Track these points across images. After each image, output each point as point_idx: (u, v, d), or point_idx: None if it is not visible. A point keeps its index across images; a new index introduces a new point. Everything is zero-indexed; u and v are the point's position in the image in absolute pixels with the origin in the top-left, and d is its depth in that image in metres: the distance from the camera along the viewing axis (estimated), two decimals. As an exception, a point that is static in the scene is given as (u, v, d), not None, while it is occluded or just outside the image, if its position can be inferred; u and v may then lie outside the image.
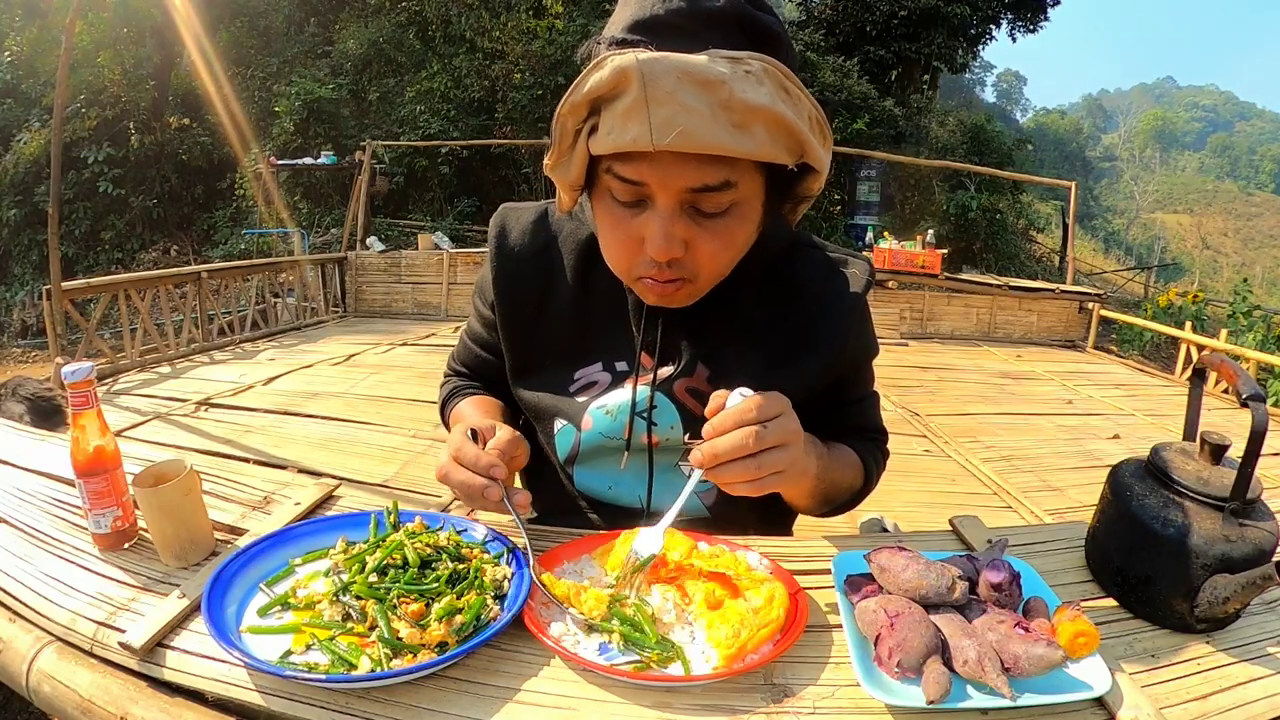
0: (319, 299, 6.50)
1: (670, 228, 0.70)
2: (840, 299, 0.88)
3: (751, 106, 0.62)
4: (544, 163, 0.75)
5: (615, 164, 0.69)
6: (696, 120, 0.61)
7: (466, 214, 10.33)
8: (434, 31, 11.59)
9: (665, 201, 0.69)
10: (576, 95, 0.65)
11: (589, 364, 0.92)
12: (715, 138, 0.62)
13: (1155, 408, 4.33)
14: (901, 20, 13.31)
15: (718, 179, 0.67)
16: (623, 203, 0.72)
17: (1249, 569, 0.66)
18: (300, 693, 0.60)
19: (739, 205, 0.71)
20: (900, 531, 0.99)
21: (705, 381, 0.88)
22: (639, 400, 0.88)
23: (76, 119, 10.27)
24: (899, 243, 6.75)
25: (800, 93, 0.66)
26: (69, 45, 4.16)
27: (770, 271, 0.88)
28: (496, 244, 0.93)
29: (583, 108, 0.66)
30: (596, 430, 0.91)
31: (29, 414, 2.78)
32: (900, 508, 2.68)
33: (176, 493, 0.75)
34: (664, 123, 0.61)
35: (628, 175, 0.68)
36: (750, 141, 0.64)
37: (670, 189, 0.68)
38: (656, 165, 0.66)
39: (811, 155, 0.68)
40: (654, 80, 0.61)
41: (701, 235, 0.71)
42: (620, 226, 0.73)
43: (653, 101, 0.61)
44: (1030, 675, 0.60)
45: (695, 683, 0.62)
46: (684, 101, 0.61)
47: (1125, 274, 17.92)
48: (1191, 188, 57.61)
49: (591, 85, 0.64)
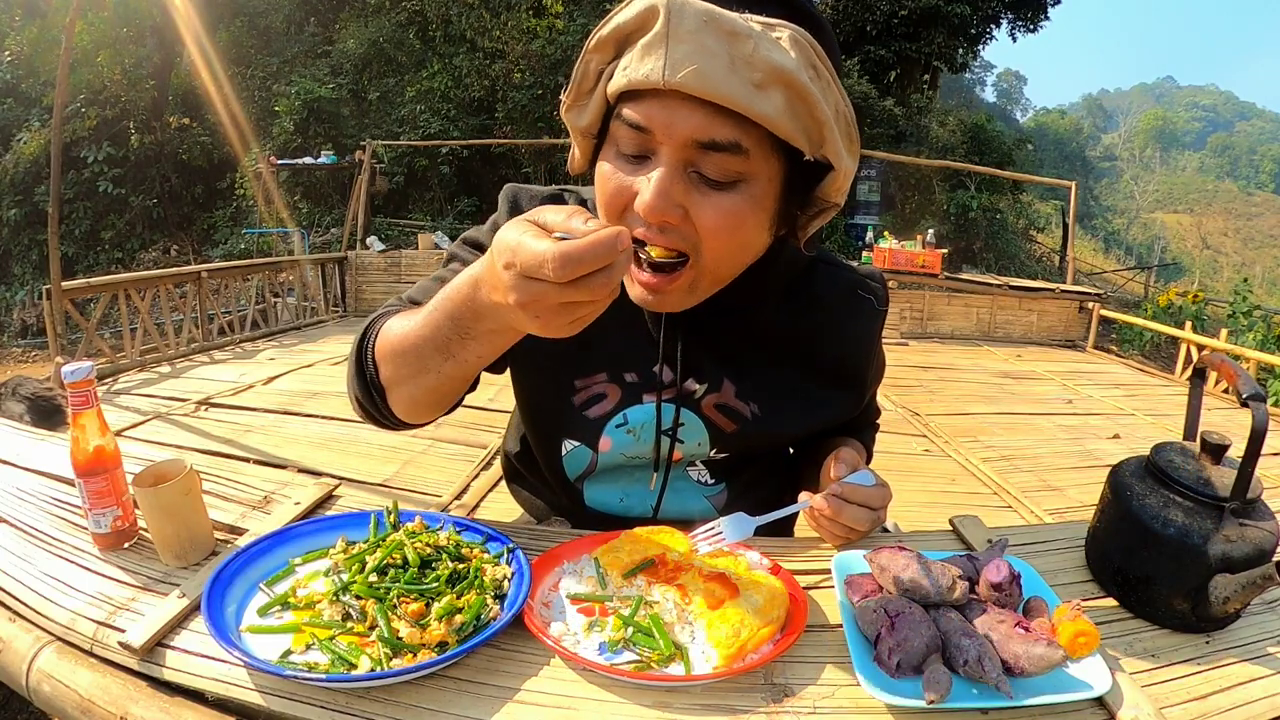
0: (319, 299, 6.50)
1: (666, 183, 0.64)
2: (864, 318, 0.89)
3: (774, 66, 0.59)
4: (560, 103, 0.71)
5: (625, 107, 0.65)
6: (714, 64, 0.59)
7: (466, 214, 10.32)
8: (434, 31, 11.59)
9: (668, 154, 0.64)
10: (603, 31, 0.64)
11: (592, 374, 0.87)
12: (730, 87, 0.59)
13: (1155, 408, 4.32)
14: (902, 20, 13.30)
15: (727, 136, 0.62)
16: (627, 156, 0.67)
17: (1249, 569, 0.66)
18: (300, 692, 0.60)
19: (748, 183, 0.65)
20: (900, 531, 0.99)
21: (734, 397, 0.87)
22: (664, 415, 0.86)
23: (76, 119, 10.27)
24: (899, 242, 6.74)
25: (832, 79, 0.63)
26: (69, 45, 4.16)
27: (791, 287, 0.86)
28: (509, 214, 0.83)
29: (609, 45, 0.65)
30: (616, 450, 0.89)
31: (29, 414, 2.79)
32: (900, 508, 2.66)
33: (176, 493, 0.75)
34: (681, 59, 0.59)
35: (635, 118, 0.64)
36: (766, 103, 0.60)
37: (675, 137, 0.63)
38: (665, 106, 0.62)
39: (831, 148, 0.65)
40: (680, 17, 0.59)
41: (703, 204, 0.65)
42: (614, 178, 0.67)
43: (673, 37, 0.59)
44: (1030, 675, 0.60)
45: (695, 683, 0.62)
46: (705, 43, 0.59)
47: (1125, 274, 17.92)
48: (1191, 188, 57.61)
49: (618, 21, 0.63)
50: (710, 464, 0.93)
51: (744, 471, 0.95)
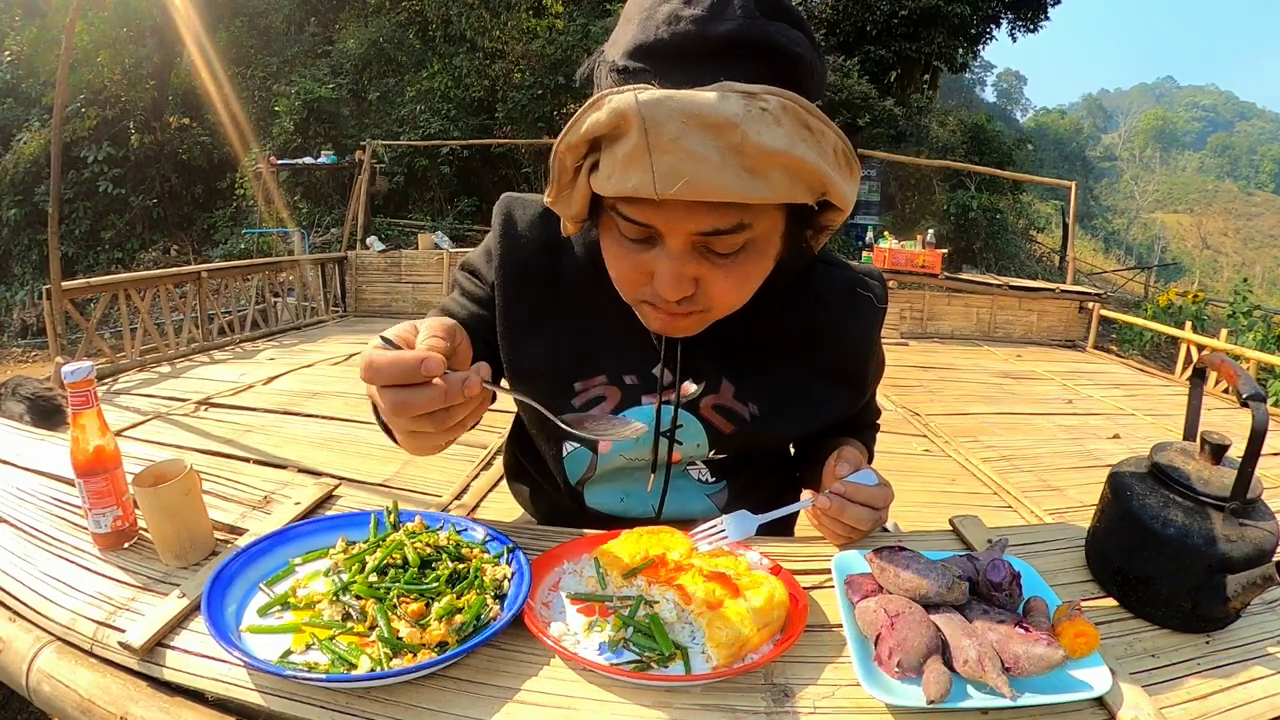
0: (319, 299, 6.50)
1: (680, 268, 0.65)
2: (864, 316, 0.89)
3: (768, 151, 0.56)
4: (545, 197, 0.71)
5: (620, 204, 0.65)
6: (704, 168, 0.55)
7: (466, 214, 10.32)
8: (434, 31, 11.59)
9: (675, 243, 0.64)
10: (574, 135, 0.60)
11: (591, 376, 0.87)
12: (726, 185, 0.56)
13: (1155, 408, 4.32)
14: (902, 20, 13.30)
15: (730, 223, 0.62)
16: (630, 239, 0.68)
17: (1249, 569, 0.66)
18: (300, 692, 0.60)
19: (754, 242, 0.66)
20: (900, 531, 0.99)
21: (733, 398, 0.87)
22: (663, 417, 0.87)
23: (76, 119, 10.27)
24: (899, 242, 6.74)
25: (824, 126, 0.59)
26: (69, 45, 4.15)
27: (791, 286, 0.86)
28: (502, 230, 0.86)
29: (581, 147, 0.62)
30: (615, 452, 0.89)
31: (29, 414, 2.79)
32: (900, 508, 2.66)
33: (176, 492, 0.75)
34: (669, 172, 0.56)
35: (634, 217, 0.64)
36: (765, 187, 0.58)
37: (679, 233, 0.64)
38: (663, 210, 0.62)
39: (834, 193, 0.62)
40: (656, 125, 0.55)
41: (714, 273, 0.67)
42: (627, 259, 0.69)
43: (655, 149, 0.55)
44: (1030, 675, 0.60)
45: (695, 683, 0.62)
46: (690, 149, 0.55)
47: (1125, 274, 17.92)
48: (1191, 188, 57.61)
49: (588, 126, 0.59)
50: (710, 464, 0.94)
51: (744, 471, 0.96)
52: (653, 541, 0.76)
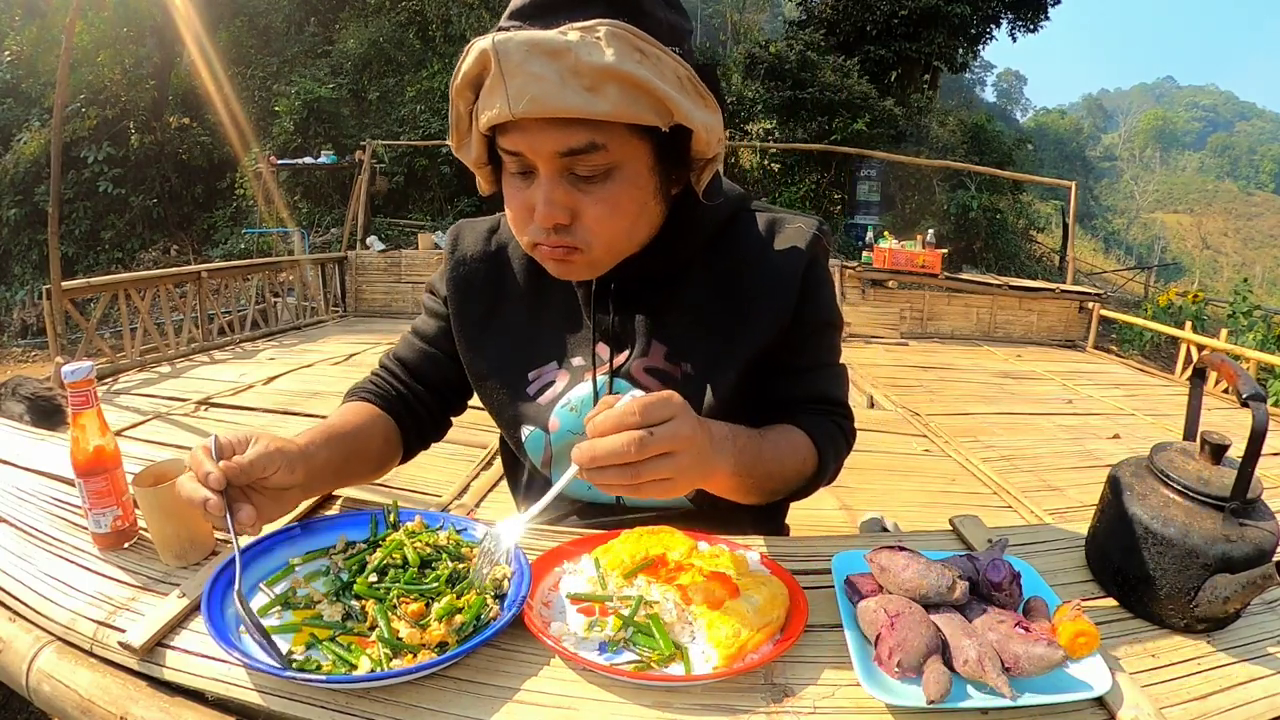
0: (319, 298, 6.50)
1: (550, 194, 0.73)
2: (784, 259, 0.87)
3: (599, 68, 0.65)
4: (450, 143, 0.80)
5: (499, 138, 0.74)
6: (545, 86, 0.66)
7: (466, 214, 10.21)
8: (434, 31, 11.59)
9: (544, 168, 0.73)
10: (456, 81, 0.72)
11: (543, 364, 0.93)
12: (564, 100, 0.66)
13: (1155, 408, 4.32)
14: (902, 20, 13.29)
15: (581, 141, 0.70)
16: (516, 174, 0.77)
17: (1249, 569, 0.66)
18: (300, 693, 0.60)
19: (618, 169, 0.74)
20: (900, 531, 0.99)
21: (664, 359, 0.88)
22: (599, 390, 0.88)
23: (76, 119, 10.27)
24: (899, 242, 6.73)
25: (661, 53, 0.68)
26: (69, 45, 4.16)
27: (713, 242, 0.88)
28: (451, 249, 0.98)
29: (466, 90, 0.73)
30: (564, 429, 0.90)
31: (29, 413, 2.78)
32: (900, 508, 2.67)
33: (176, 492, 0.75)
34: (517, 92, 0.67)
35: (506, 146, 0.74)
36: (603, 103, 0.67)
37: (542, 155, 0.72)
38: (525, 133, 0.71)
39: (681, 114, 0.70)
40: (506, 55, 0.66)
41: (585, 201, 0.74)
42: (516, 197, 0.78)
43: (507, 74, 0.67)
44: (1030, 675, 0.60)
45: (695, 683, 0.62)
46: (533, 70, 0.66)
47: (1125, 274, 17.92)
48: (1191, 188, 57.61)
49: (463, 70, 0.71)
50: None
51: None
52: (653, 541, 0.77)
